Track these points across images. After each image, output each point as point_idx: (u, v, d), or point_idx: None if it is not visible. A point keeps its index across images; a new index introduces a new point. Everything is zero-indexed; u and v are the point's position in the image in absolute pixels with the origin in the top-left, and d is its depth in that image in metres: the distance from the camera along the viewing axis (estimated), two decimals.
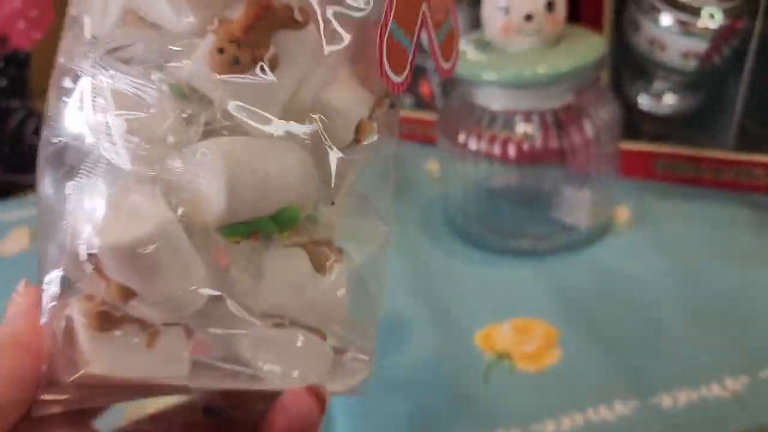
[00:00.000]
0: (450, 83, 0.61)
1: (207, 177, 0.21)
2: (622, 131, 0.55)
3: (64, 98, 0.22)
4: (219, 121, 0.22)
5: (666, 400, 0.38)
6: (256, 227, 0.22)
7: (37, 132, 0.73)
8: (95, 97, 0.22)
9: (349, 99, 0.23)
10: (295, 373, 0.23)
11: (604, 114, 0.50)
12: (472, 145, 0.51)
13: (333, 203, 0.24)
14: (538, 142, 0.49)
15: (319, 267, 0.24)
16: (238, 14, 0.21)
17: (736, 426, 0.36)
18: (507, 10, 0.47)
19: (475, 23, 0.55)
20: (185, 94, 0.22)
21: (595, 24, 0.54)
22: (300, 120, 0.22)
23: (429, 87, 0.70)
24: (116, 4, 0.22)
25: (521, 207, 0.55)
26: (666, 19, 0.53)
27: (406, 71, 0.23)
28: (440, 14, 0.25)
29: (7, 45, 0.70)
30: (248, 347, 0.23)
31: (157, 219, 0.20)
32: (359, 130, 0.24)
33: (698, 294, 0.46)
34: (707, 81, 0.56)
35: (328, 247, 0.25)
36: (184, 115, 0.22)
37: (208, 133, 0.22)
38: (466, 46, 0.51)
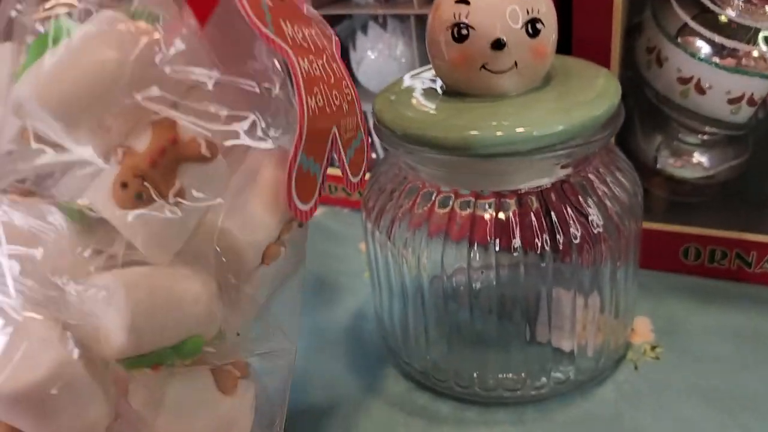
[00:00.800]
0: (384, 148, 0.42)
1: (107, 312, 0.21)
2: (643, 209, 0.37)
3: None
4: (121, 252, 0.21)
5: None
6: (158, 359, 0.22)
7: None
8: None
9: (255, 226, 0.23)
10: None
11: (618, 190, 0.33)
12: (408, 245, 0.33)
13: (238, 334, 0.24)
14: (516, 242, 0.31)
15: (225, 388, 0.24)
16: (142, 145, 0.21)
17: None
18: (464, 33, 0.29)
19: (424, 53, 0.37)
20: (86, 220, 0.21)
21: (599, 53, 0.37)
22: (205, 248, 0.22)
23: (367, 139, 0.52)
24: (11, 125, 0.22)
25: (490, 325, 0.36)
26: (704, 47, 0.36)
27: (315, 196, 0.24)
28: (350, 133, 0.26)
29: None
30: None
31: (50, 363, 0.20)
32: (265, 254, 0.24)
33: None
34: (758, 135, 0.39)
35: (234, 364, 0.24)
36: (87, 251, 0.21)
37: (111, 264, 0.21)
38: (406, 90, 0.34)
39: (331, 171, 0.27)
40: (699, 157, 0.41)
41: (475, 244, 0.33)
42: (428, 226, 0.33)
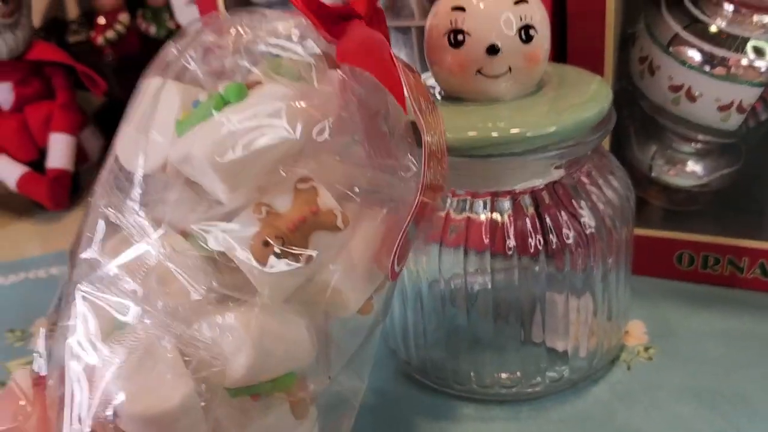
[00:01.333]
0: None
1: (233, 350, 0.23)
2: (635, 213, 0.38)
3: (103, 246, 0.25)
4: (243, 292, 0.24)
5: None
6: (258, 390, 0.25)
7: None
8: (148, 275, 0.24)
9: (358, 285, 0.26)
10: None
11: (610, 192, 0.34)
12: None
13: (330, 377, 0.27)
14: (511, 242, 0.32)
15: (299, 415, 0.26)
16: (284, 207, 0.23)
17: None
18: (460, 39, 0.30)
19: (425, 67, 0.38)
20: (214, 259, 0.24)
21: (592, 62, 0.38)
22: (317, 300, 0.25)
23: None
24: (158, 155, 0.25)
25: (486, 327, 0.37)
26: (695, 54, 0.37)
27: (406, 257, 0.27)
28: (437, 202, 0.27)
29: None
30: None
31: (182, 395, 0.22)
32: (362, 310, 0.26)
33: None
34: (750, 144, 0.40)
35: (307, 395, 0.26)
36: (216, 292, 0.24)
37: (229, 302, 0.24)
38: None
39: None
40: (693, 166, 0.42)
41: (471, 250, 0.34)
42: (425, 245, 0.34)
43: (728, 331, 0.38)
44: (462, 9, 0.31)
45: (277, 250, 0.23)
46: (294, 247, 0.23)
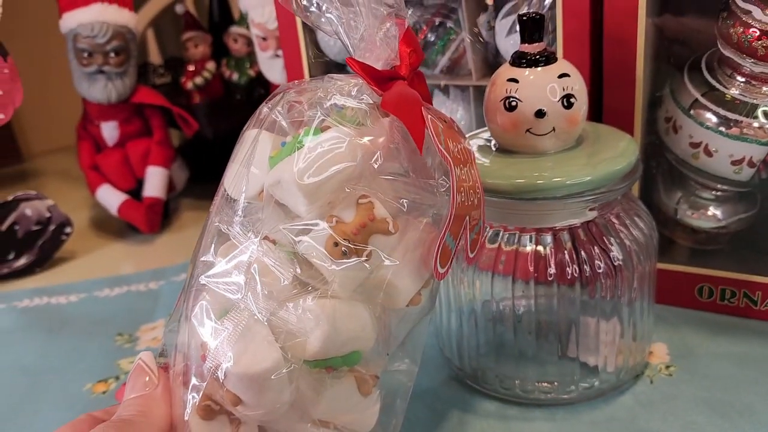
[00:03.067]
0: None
1: (311, 328, 0.30)
2: (657, 250, 0.45)
3: (218, 253, 0.32)
4: (320, 285, 0.30)
5: None
6: (331, 363, 0.30)
7: None
8: (249, 268, 0.30)
9: (409, 280, 0.32)
10: None
11: (636, 232, 0.40)
12: (461, 267, 0.41)
13: (388, 354, 0.33)
14: (552, 269, 0.39)
15: (364, 391, 0.32)
16: (348, 217, 0.30)
17: None
18: (514, 105, 0.38)
19: (481, 120, 0.46)
20: (299, 260, 0.30)
21: (624, 122, 0.45)
22: (374, 292, 0.31)
23: None
24: (257, 183, 0.32)
25: (530, 340, 0.44)
26: (711, 117, 0.44)
27: (449, 263, 0.32)
28: (475, 220, 0.34)
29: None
30: None
31: (274, 359, 0.29)
32: (411, 301, 0.32)
33: None
34: (765, 192, 0.46)
35: (371, 376, 0.32)
36: (304, 285, 0.30)
37: (315, 295, 0.30)
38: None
39: None
40: (713, 210, 0.48)
41: (518, 279, 0.41)
42: (479, 261, 0.41)
43: (741, 355, 0.44)
44: (516, 80, 0.38)
45: (344, 249, 0.29)
46: (357, 246, 0.30)
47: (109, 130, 0.73)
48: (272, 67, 0.71)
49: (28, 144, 1.03)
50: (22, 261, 0.67)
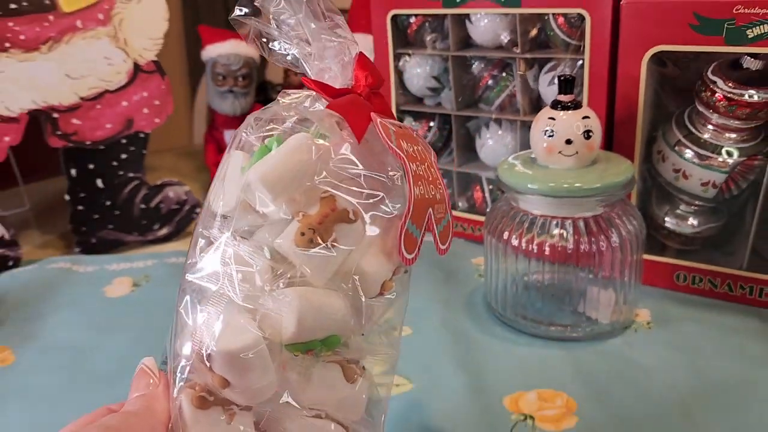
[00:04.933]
0: (499, 190, 0.73)
1: (285, 312, 0.32)
2: (650, 246, 0.64)
3: (202, 254, 0.35)
4: (296, 276, 0.33)
5: None
6: (310, 346, 0.33)
7: (145, 200, 0.86)
8: (224, 257, 0.33)
9: (378, 266, 0.34)
10: None
11: (630, 226, 0.59)
12: (514, 242, 0.60)
13: (363, 334, 0.35)
14: (570, 246, 0.58)
15: (349, 378, 0.34)
16: (314, 211, 0.32)
17: None
18: (551, 135, 0.58)
19: (524, 145, 0.65)
20: (277, 258, 0.33)
21: (627, 152, 0.64)
22: (346, 279, 0.33)
23: (481, 193, 0.80)
24: (235, 197, 0.34)
25: (552, 300, 0.63)
26: (689, 153, 0.63)
27: (416, 250, 0.34)
28: (441, 214, 0.36)
29: (132, 126, 0.84)
30: (295, 428, 0.33)
31: (253, 337, 0.31)
32: (383, 287, 0.35)
33: (702, 386, 0.53)
34: (726, 208, 0.65)
35: (356, 365, 0.35)
36: (277, 272, 0.33)
37: (289, 283, 0.33)
38: (515, 161, 0.62)
39: (455, 213, 0.55)
40: (691, 221, 0.67)
41: (546, 261, 0.60)
42: (521, 243, 0.60)
43: (701, 319, 0.62)
44: (553, 119, 0.58)
45: (310, 237, 0.32)
46: (322, 235, 0.32)
47: (230, 136, 0.94)
48: None
49: None
50: (164, 231, 0.87)
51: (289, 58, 0.36)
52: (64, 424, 0.32)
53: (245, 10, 0.36)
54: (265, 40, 0.36)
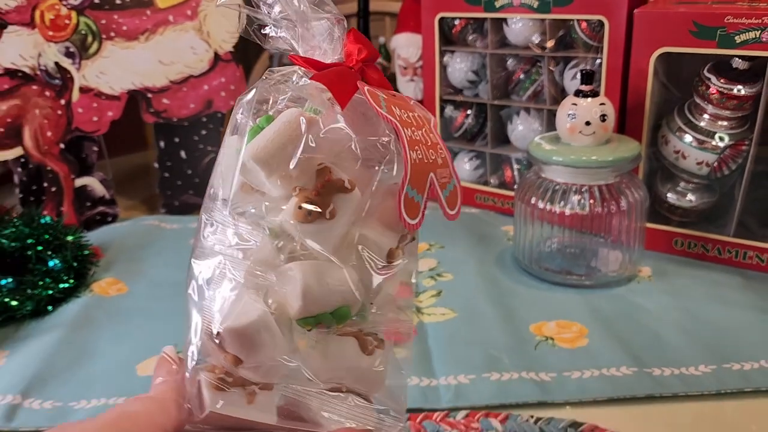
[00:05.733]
0: (528, 164, 0.85)
1: (290, 287, 0.31)
2: (654, 218, 0.77)
3: (205, 234, 0.34)
4: (299, 251, 0.32)
5: (656, 371, 0.58)
6: (321, 319, 0.32)
7: None
8: (225, 236, 0.33)
9: (381, 235, 0.34)
10: (348, 424, 0.33)
11: (636, 195, 0.72)
12: (540, 206, 0.73)
13: (372, 304, 0.34)
14: (586, 211, 0.71)
15: (365, 350, 0.34)
16: (310, 184, 0.32)
17: (703, 389, 0.55)
18: (573, 117, 0.71)
19: (550, 130, 0.79)
20: (278, 233, 0.32)
21: (636, 135, 0.77)
22: (350, 250, 0.33)
23: (511, 172, 0.93)
24: (236, 180, 0.33)
25: (570, 257, 0.76)
26: (688, 137, 0.76)
27: (419, 216, 0.33)
28: (445, 179, 0.35)
29: (211, 107, 0.98)
30: (317, 403, 0.33)
31: (259, 313, 0.31)
32: (390, 256, 0.34)
33: (691, 322, 0.66)
34: (718, 186, 0.78)
35: (373, 337, 0.34)
36: (278, 246, 0.32)
37: (292, 258, 0.33)
38: (542, 140, 0.75)
39: (487, 189, 0.69)
40: (690, 196, 0.80)
41: (566, 227, 0.73)
42: (545, 207, 0.73)
43: (694, 275, 0.75)
44: (575, 104, 0.71)
45: (308, 208, 0.31)
46: (320, 207, 0.31)
47: None
48: (407, 88, 1.06)
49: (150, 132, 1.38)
50: None
51: (280, 43, 0.36)
52: (174, 335, 0.38)
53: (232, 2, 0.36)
54: (257, 26, 0.35)
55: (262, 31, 0.36)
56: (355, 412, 0.34)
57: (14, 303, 0.68)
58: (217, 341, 0.31)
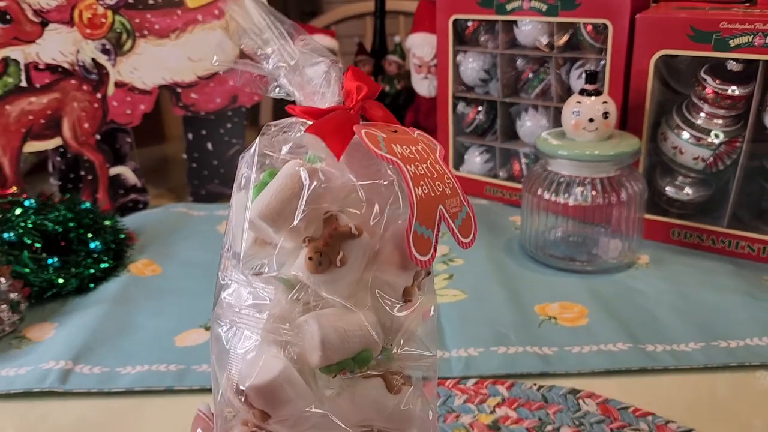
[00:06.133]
0: (535, 157, 0.91)
1: (308, 339, 0.32)
2: (653, 211, 0.82)
3: (223, 296, 0.36)
4: (313, 301, 0.33)
5: (650, 347, 0.63)
6: (343, 366, 0.33)
7: None
8: (241, 295, 0.35)
9: (394, 276, 0.34)
10: None
11: (635, 187, 0.78)
12: (546, 197, 0.79)
13: (391, 345, 0.35)
14: (589, 201, 0.76)
15: (391, 389, 0.34)
16: (318, 233, 0.33)
17: (693, 364, 0.61)
18: (578, 114, 0.76)
19: (556, 123, 0.84)
20: (293, 284, 0.33)
21: (637, 132, 0.82)
22: (365, 293, 0.33)
23: (519, 165, 0.99)
24: (248, 236, 0.35)
25: (573, 245, 0.82)
26: (685, 134, 0.81)
27: (431, 251, 0.33)
28: (455, 208, 0.34)
29: (236, 101, 1.04)
30: None
31: (280, 368, 0.32)
32: (406, 294, 0.34)
33: (684, 304, 0.71)
34: (714, 180, 0.83)
35: (400, 375, 0.35)
36: (295, 298, 0.33)
37: (307, 309, 0.33)
38: (549, 135, 0.80)
39: (496, 181, 0.74)
40: (687, 190, 0.85)
41: (570, 217, 0.79)
42: (551, 198, 0.78)
43: (689, 263, 0.80)
44: (580, 102, 0.76)
45: (319, 261, 0.32)
46: (330, 255, 0.32)
47: None
48: (421, 85, 1.11)
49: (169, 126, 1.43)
50: None
51: (278, 90, 0.36)
52: (206, 312, 0.41)
53: (226, 62, 0.38)
54: (257, 77, 0.36)
55: (261, 82, 0.37)
56: None
57: (60, 280, 0.74)
58: (242, 398, 0.32)
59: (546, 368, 0.61)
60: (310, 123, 0.34)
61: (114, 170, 0.98)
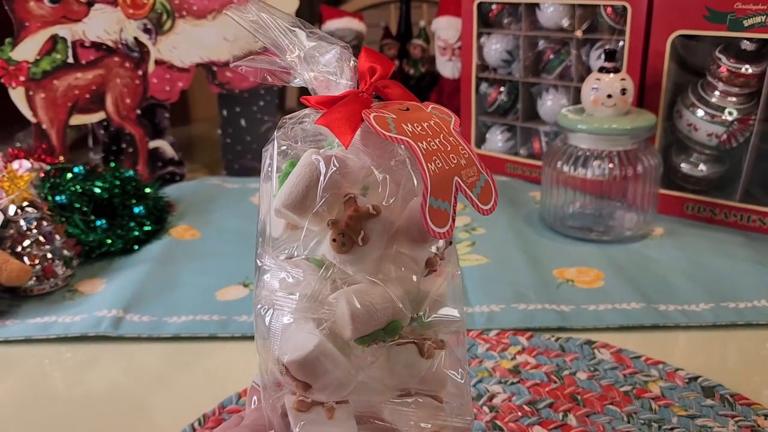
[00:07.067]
0: (555, 132, 0.95)
1: (339, 315, 0.34)
2: (668, 185, 0.86)
3: (261, 280, 0.37)
4: (341, 280, 0.35)
5: (662, 307, 0.67)
6: (375, 337, 0.34)
7: None
8: (277, 278, 0.36)
9: (413, 249, 0.35)
10: (423, 425, 0.36)
11: (651, 162, 0.81)
12: (565, 170, 0.83)
13: (419, 313, 0.36)
14: (606, 175, 0.80)
15: (423, 354, 0.35)
16: (339, 215, 0.34)
17: (701, 322, 0.65)
18: (597, 90, 0.80)
19: (576, 103, 0.88)
20: (322, 263, 0.35)
21: (653, 110, 0.86)
22: (389, 266, 0.35)
23: (539, 144, 1.03)
24: (279, 223, 0.37)
25: (591, 217, 0.86)
26: (700, 111, 0.85)
27: (449, 224, 0.33)
28: (473, 177, 0.35)
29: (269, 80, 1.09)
30: (389, 411, 0.36)
31: (315, 343, 0.34)
32: (429, 264, 0.36)
33: (696, 270, 0.75)
34: (727, 157, 0.87)
35: (432, 339, 0.36)
36: (325, 277, 0.35)
37: (335, 287, 0.35)
38: (569, 112, 0.84)
39: (517, 159, 0.78)
40: (702, 166, 0.89)
41: (587, 192, 0.83)
42: (570, 171, 0.82)
43: (701, 234, 0.84)
44: (599, 79, 0.80)
45: (342, 241, 0.34)
46: (352, 236, 0.33)
47: None
48: (445, 67, 1.15)
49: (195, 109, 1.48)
50: None
51: (297, 80, 0.37)
52: (243, 271, 0.46)
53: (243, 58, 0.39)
54: (277, 68, 0.38)
55: (280, 74, 0.38)
56: (424, 412, 0.36)
57: (108, 240, 0.80)
58: (284, 372, 0.35)
59: (563, 323, 0.65)
60: (323, 112, 0.36)
61: (153, 143, 1.04)
